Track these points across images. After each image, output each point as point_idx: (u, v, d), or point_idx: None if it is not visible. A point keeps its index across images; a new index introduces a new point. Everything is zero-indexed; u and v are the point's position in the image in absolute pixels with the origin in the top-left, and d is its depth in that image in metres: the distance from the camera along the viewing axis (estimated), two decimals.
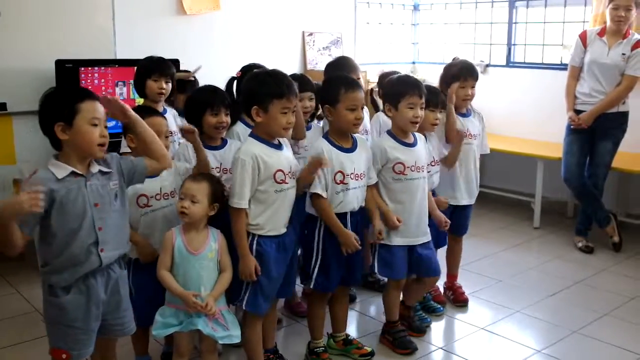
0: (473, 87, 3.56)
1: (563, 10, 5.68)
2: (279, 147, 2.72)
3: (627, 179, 5.18)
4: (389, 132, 3.12)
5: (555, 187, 5.30)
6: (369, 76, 5.89)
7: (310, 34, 5.95)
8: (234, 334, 2.62)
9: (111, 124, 2.41)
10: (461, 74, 3.51)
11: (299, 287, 3.60)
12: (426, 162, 3.13)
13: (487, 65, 6.21)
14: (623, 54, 4.45)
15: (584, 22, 5.46)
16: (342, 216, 2.88)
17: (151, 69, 3.41)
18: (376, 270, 3.15)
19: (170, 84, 3.46)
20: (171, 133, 3.30)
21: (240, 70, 3.29)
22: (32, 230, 2.12)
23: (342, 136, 2.90)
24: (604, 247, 4.75)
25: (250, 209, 2.64)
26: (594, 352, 3.25)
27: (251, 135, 2.73)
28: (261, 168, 2.62)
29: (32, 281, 4.03)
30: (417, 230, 3.10)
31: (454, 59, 3.68)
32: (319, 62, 5.93)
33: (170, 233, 2.56)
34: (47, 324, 2.29)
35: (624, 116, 4.61)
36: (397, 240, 3.07)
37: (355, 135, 2.97)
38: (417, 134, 3.16)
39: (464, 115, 3.58)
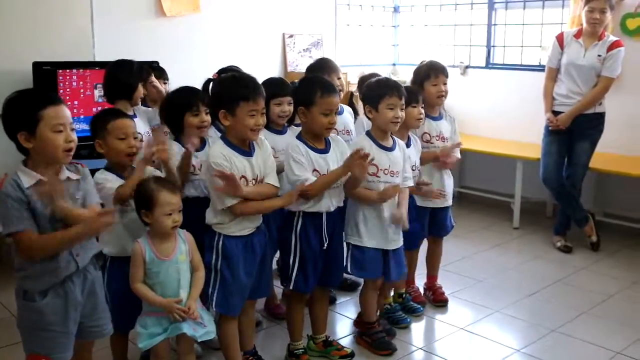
0: (445, 83, 3.58)
1: (541, 12, 5.74)
2: (247, 153, 2.70)
3: (605, 179, 5.24)
4: (368, 134, 3.13)
5: (534, 187, 5.34)
6: (349, 78, 5.90)
7: (291, 36, 5.96)
8: (210, 330, 2.62)
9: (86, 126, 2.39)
10: (431, 71, 3.55)
11: (278, 289, 3.60)
12: (402, 167, 3.13)
13: (467, 67, 6.26)
14: (599, 56, 4.50)
15: (561, 23, 5.51)
16: (317, 216, 2.89)
17: (141, 75, 3.43)
18: (349, 270, 3.15)
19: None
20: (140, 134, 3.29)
21: (217, 73, 3.28)
22: (31, 223, 2.12)
23: (315, 137, 2.91)
24: (583, 246, 4.80)
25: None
26: (573, 351, 3.28)
27: (222, 137, 2.74)
28: (232, 169, 2.61)
29: (9, 287, 3.96)
30: (388, 233, 3.10)
31: (421, 62, 3.72)
32: (299, 64, 5.93)
33: (138, 245, 2.52)
34: (23, 329, 2.26)
35: (600, 117, 4.66)
36: (368, 242, 3.08)
37: (330, 136, 2.98)
38: (398, 140, 3.17)
39: (435, 119, 3.59)
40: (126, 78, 3.43)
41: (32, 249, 2.11)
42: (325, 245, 2.94)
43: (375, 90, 3.09)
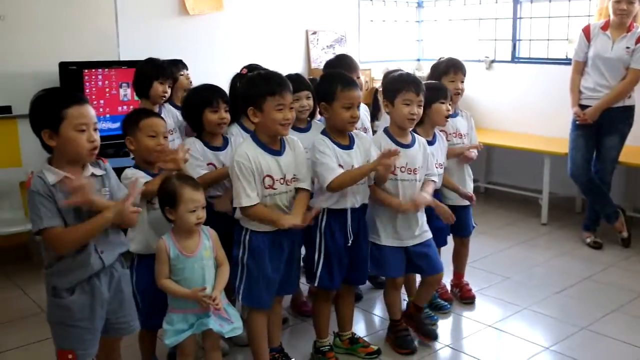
0: (462, 81, 3.57)
1: (567, 4, 5.65)
2: (277, 152, 2.71)
3: (635, 173, 5.15)
4: (386, 130, 3.10)
5: (562, 182, 5.26)
6: (373, 74, 5.88)
7: (314, 33, 5.94)
8: (237, 326, 2.63)
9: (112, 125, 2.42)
10: (450, 68, 3.54)
11: (304, 287, 3.60)
12: (422, 164, 3.09)
13: (492, 61, 6.19)
14: (627, 48, 4.41)
15: (589, 16, 5.42)
16: (341, 213, 2.88)
17: (159, 72, 3.45)
18: (369, 269, 3.13)
19: (170, 89, 3.54)
20: (171, 132, 3.33)
21: (245, 68, 3.28)
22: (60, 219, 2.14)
23: (339, 133, 2.89)
24: (613, 242, 4.71)
25: None
26: (603, 349, 3.22)
27: (251, 135, 2.74)
28: (254, 169, 2.63)
29: (39, 282, 4.02)
30: (407, 232, 3.07)
31: (439, 59, 3.68)
32: (322, 61, 5.88)
33: (163, 242, 2.53)
34: (52, 325, 2.29)
35: (629, 110, 4.58)
36: (387, 241, 3.06)
37: (354, 132, 2.96)
38: (418, 137, 3.14)
39: (452, 116, 3.51)
40: (142, 76, 3.49)
41: (62, 242, 2.13)
42: (350, 242, 2.93)
43: (392, 85, 3.06)
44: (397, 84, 3.03)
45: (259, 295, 2.75)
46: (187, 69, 4.16)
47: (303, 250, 3.04)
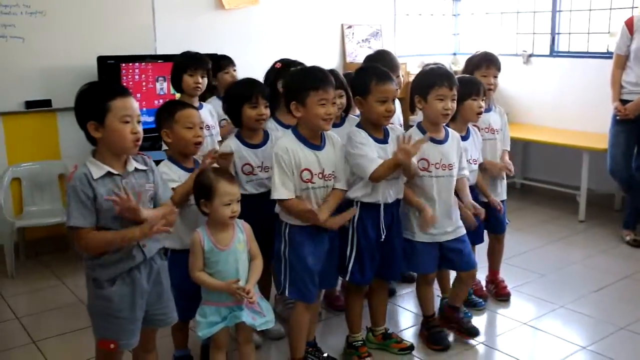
0: (495, 76, 3.51)
1: None
2: (317, 147, 2.72)
3: None
4: (419, 126, 3.07)
5: (601, 179, 5.15)
6: (409, 68, 5.83)
7: (350, 27, 5.92)
8: (270, 319, 2.64)
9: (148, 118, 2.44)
10: (483, 62, 3.49)
11: (338, 280, 3.58)
12: (457, 160, 3.06)
13: (530, 55, 6.08)
14: None
15: (632, 7, 5.28)
16: (374, 207, 2.86)
17: (187, 64, 3.45)
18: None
19: (206, 79, 3.50)
20: (208, 127, 3.34)
21: (279, 62, 3.28)
22: (93, 220, 2.17)
23: (374, 127, 2.87)
24: None
25: None
26: None
27: (292, 129, 2.76)
28: (293, 162, 2.65)
29: (77, 273, 4.13)
30: (441, 227, 3.03)
31: (475, 52, 3.64)
32: (358, 55, 5.89)
33: (197, 235, 2.55)
34: (93, 315, 2.33)
35: None
36: (420, 237, 3.03)
37: (389, 126, 2.93)
38: (452, 132, 3.10)
39: (485, 111, 3.46)
40: (174, 71, 3.51)
41: (87, 246, 2.17)
42: (383, 237, 2.91)
43: (425, 80, 3.01)
44: (429, 79, 2.98)
45: (305, 289, 2.75)
46: (234, 66, 4.13)
47: None
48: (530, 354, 3.19)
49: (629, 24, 4.47)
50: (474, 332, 3.26)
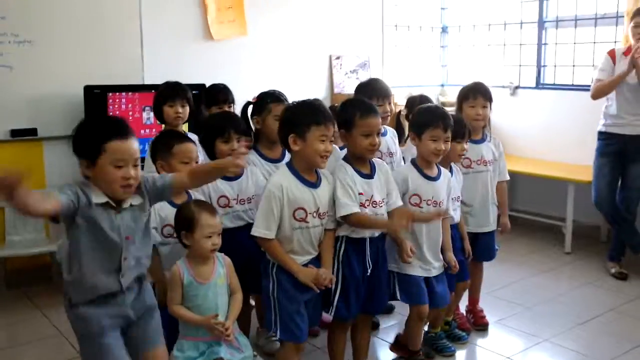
0: (485, 107, 3.50)
1: (594, 30, 5.59)
2: (312, 185, 2.70)
3: None
4: (413, 162, 3.09)
5: (587, 211, 5.16)
6: (396, 99, 5.86)
7: (338, 57, 5.97)
8: (248, 355, 2.61)
9: None
10: (470, 92, 3.50)
11: None
12: (446, 197, 3.08)
13: (517, 87, 6.14)
14: None
15: (615, 42, 5.35)
16: (360, 242, 2.84)
17: (166, 95, 3.46)
18: (399, 297, 3.10)
19: (187, 107, 3.50)
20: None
21: (257, 97, 3.29)
22: (65, 204, 2.03)
23: (359, 160, 2.86)
24: (639, 273, 4.60)
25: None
26: None
27: (287, 164, 2.75)
28: (284, 201, 2.63)
29: (60, 305, 4.06)
30: (429, 262, 3.06)
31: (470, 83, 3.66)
32: (345, 86, 5.93)
33: (176, 268, 2.53)
34: (78, 340, 2.32)
35: None
36: (410, 270, 3.03)
37: (375, 160, 2.94)
38: (444, 170, 3.12)
39: (477, 142, 3.49)
40: (154, 104, 3.52)
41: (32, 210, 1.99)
42: (369, 271, 2.89)
43: (421, 119, 3.05)
44: (425, 118, 3.02)
45: (297, 329, 2.69)
46: (233, 103, 4.03)
47: None
48: None
49: (612, 55, 4.51)
50: None
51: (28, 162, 4.41)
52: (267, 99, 3.20)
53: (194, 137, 3.58)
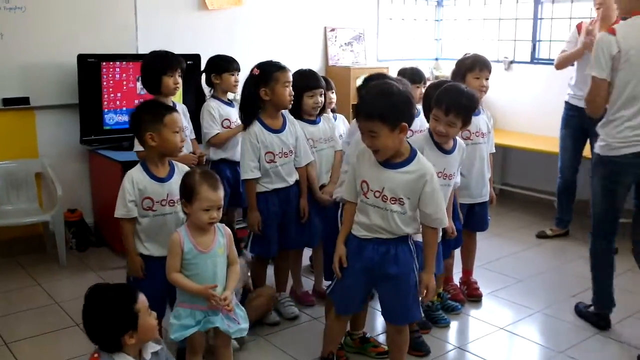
0: (487, 78, 3.54)
1: (590, 4, 5.55)
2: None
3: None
4: (430, 132, 3.06)
5: (579, 185, 5.19)
6: (391, 72, 5.84)
7: (332, 30, 5.92)
8: (244, 327, 2.61)
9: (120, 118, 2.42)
10: (476, 64, 3.51)
11: (306, 280, 3.70)
12: (457, 170, 3.09)
13: (511, 62, 6.13)
14: None
15: None
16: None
17: (165, 65, 3.42)
18: None
19: (181, 77, 3.50)
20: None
21: (257, 67, 3.27)
22: None
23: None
24: (630, 247, 4.64)
25: None
26: (618, 354, 3.19)
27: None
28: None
29: (53, 273, 4.09)
30: None
31: (465, 55, 3.67)
32: (340, 58, 5.90)
33: (177, 236, 2.50)
34: None
35: None
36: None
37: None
38: (460, 142, 3.12)
39: (474, 114, 3.49)
40: (150, 73, 3.47)
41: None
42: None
43: (432, 97, 3.04)
44: (435, 96, 3.00)
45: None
46: (238, 72, 3.95)
47: None
48: (506, 359, 3.20)
49: (579, 28, 4.62)
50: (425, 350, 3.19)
51: (20, 131, 4.37)
52: (272, 69, 3.21)
53: (181, 107, 3.62)
